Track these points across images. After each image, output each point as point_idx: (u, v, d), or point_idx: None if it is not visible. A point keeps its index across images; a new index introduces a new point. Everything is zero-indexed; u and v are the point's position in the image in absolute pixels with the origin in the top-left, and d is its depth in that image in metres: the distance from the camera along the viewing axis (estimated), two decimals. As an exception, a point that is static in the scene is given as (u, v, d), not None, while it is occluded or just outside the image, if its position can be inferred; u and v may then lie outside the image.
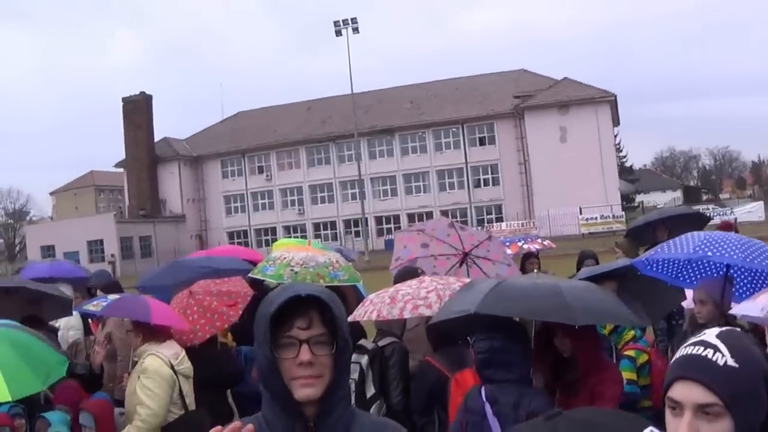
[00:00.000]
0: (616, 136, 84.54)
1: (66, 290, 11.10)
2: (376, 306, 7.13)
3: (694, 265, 7.13)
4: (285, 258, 10.10)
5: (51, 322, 10.03)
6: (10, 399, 5.91)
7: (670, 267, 7.24)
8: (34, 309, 9.18)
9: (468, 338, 6.85)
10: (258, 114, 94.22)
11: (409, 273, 8.59)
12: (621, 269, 7.78)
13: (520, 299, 5.29)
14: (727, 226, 11.08)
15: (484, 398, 5.36)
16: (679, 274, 7.27)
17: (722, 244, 6.40)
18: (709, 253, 6.29)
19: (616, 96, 77.55)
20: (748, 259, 6.34)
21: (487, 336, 5.41)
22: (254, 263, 11.05)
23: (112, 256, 79.13)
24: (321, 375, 2.77)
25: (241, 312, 8.85)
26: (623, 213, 72.09)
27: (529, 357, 5.43)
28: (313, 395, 2.77)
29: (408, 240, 10.78)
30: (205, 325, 8.35)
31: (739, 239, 6.62)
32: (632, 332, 7.83)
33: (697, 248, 6.37)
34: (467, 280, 7.05)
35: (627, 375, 7.29)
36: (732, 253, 6.29)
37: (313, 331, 2.76)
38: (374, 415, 3.37)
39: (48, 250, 77.91)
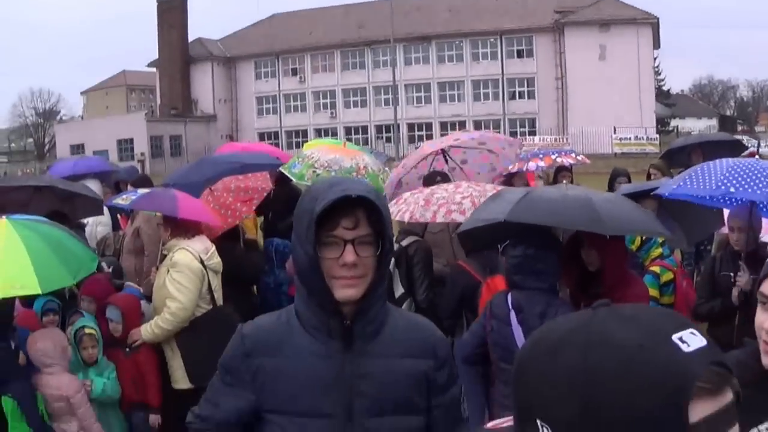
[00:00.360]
0: (655, 59, 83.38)
1: (94, 186, 11.17)
2: (409, 206, 7.13)
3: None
4: (312, 158, 10.05)
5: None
6: (40, 292, 5.92)
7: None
8: (67, 207, 9.22)
9: (499, 245, 6.86)
10: (293, 16, 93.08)
11: (437, 175, 8.61)
12: (662, 189, 7.69)
13: (550, 208, 5.23)
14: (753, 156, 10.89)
15: (510, 305, 5.36)
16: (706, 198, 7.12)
17: (747, 175, 6.09)
18: (732, 189, 6.01)
19: (658, 19, 76.17)
20: None
21: (520, 243, 5.38)
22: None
23: (142, 154, 79.18)
24: (364, 275, 2.73)
25: (254, 207, 8.83)
26: (657, 136, 71.16)
27: (559, 268, 5.39)
28: (354, 296, 2.74)
29: (393, 178, 10.54)
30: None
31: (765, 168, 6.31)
32: (660, 249, 7.78)
33: (720, 183, 6.07)
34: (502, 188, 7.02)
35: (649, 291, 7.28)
36: (756, 188, 6.00)
37: (358, 231, 2.70)
38: (407, 312, 3.34)
39: (77, 149, 77.70)
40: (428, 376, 2.93)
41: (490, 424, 1.39)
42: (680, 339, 1.16)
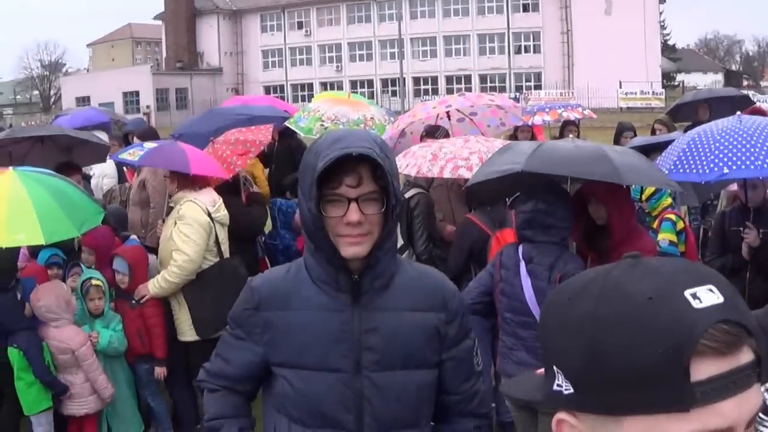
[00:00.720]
0: (661, 14, 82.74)
1: (102, 137, 11.16)
2: (417, 160, 7.12)
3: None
4: (318, 111, 10.01)
5: (85, 170, 10.07)
6: (43, 242, 5.96)
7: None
8: (66, 156, 9.20)
9: (506, 199, 6.86)
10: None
11: (434, 129, 8.59)
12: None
13: (566, 159, 5.21)
14: (757, 111, 10.60)
15: (520, 255, 5.36)
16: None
17: (738, 149, 5.90)
18: (726, 170, 5.85)
19: (664, -29, 75.61)
20: None
21: (531, 197, 5.36)
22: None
23: (148, 107, 78.73)
24: (369, 233, 2.70)
25: (249, 160, 8.79)
26: (663, 91, 70.94)
27: (570, 222, 5.38)
28: (360, 253, 2.71)
29: (393, 134, 10.28)
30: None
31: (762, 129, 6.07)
32: (669, 199, 7.77)
33: (713, 165, 5.91)
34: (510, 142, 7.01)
35: (669, 236, 7.31)
36: (748, 162, 5.82)
37: (362, 189, 2.64)
38: (419, 264, 3.30)
39: (83, 101, 77.16)
40: (439, 329, 2.92)
41: (539, 371, 1.41)
42: (693, 295, 1.14)
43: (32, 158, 8.82)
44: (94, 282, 6.97)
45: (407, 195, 7.56)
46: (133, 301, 7.18)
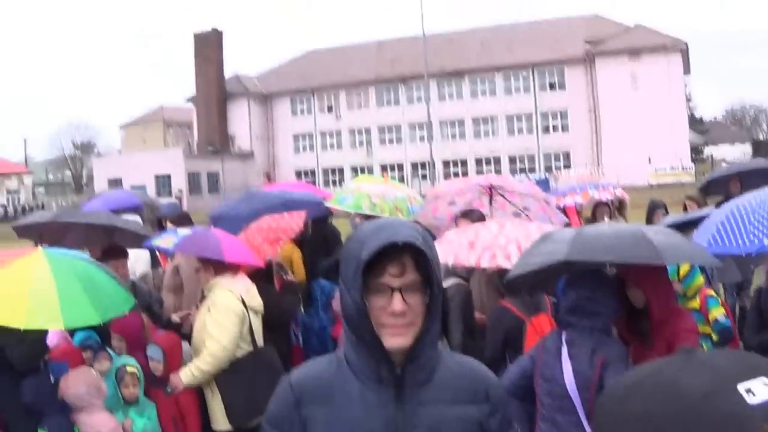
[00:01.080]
0: (686, 86, 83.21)
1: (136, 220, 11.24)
2: (453, 248, 7.08)
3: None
4: (363, 189, 10.14)
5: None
6: (62, 327, 5.96)
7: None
8: (108, 239, 9.23)
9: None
10: (328, 53, 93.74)
11: (468, 212, 8.58)
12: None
13: (607, 245, 5.20)
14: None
15: (563, 340, 5.31)
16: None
17: None
18: (766, 241, 5.77)
19: (687, 44, 76.17)
20: None
21: (575, 286, 5.33)
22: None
23: (180, 191, 79.47)
24: (412, 323, 2.64)
25: (279, 248, 8.79)
26: (693, 165, 71.02)
27: (613, 308, 5.33)
28: (404, 344, 2.65)
29: (433, 210, 10.34)
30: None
31: None
32: (702, 278, 7.70)
33: (753, 236, 5.86)
34: (547, 227, 6.96)
35: (721, 311, 7.26)
36: None
37: (406, 278, 2.61)
38: (458, 354, 3.21)
39: (115, 184, 78.06)
40: (482, 422, 2.82)
41: None
42: (747, 390, 1.12)
43: (72, 239, 8.86)
44: (129, 369, 6.94)
45: (445, 284, 7.50)
46: (168, 389, 7.12)
